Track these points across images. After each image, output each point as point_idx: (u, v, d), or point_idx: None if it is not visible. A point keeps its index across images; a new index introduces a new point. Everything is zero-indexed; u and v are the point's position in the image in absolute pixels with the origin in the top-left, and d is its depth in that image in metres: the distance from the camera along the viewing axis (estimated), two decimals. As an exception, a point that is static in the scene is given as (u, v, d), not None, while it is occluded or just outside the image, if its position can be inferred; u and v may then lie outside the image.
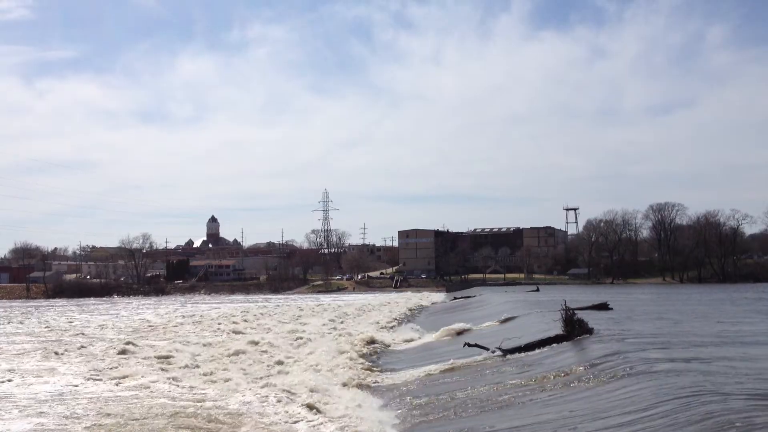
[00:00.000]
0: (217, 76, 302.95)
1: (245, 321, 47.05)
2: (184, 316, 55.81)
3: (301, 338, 32.02)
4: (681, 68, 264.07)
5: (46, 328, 44.68)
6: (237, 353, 25.50)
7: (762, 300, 46.78)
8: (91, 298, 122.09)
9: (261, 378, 19.60)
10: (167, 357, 24.57)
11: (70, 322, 51.71)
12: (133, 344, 29.31)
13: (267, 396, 16.11)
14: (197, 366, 22.58)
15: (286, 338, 32.10)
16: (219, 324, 44.37)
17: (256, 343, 28.21)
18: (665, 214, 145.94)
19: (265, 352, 26.10)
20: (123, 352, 27.02)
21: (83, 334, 38.77)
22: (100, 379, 20.09)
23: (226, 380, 19.32)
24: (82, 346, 29.75)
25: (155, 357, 24.71)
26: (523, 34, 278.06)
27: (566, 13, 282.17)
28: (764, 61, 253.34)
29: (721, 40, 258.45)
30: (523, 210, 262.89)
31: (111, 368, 22.36)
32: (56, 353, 27.19)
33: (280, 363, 22.67)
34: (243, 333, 35.98)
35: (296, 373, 19.09)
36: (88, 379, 20.15)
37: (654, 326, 23.01)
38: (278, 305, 75.07)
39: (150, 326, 44.72)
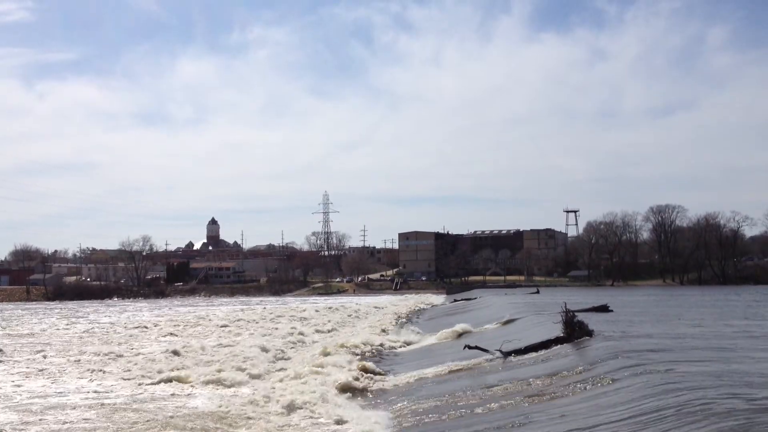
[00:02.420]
0: (217, 78, 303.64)
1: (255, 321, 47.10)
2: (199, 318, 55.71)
3: (301, 340, 32.01)
4: (681, 70, 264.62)
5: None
6: (234, 354, 25.45)
7: (764, 302, 46.74)
8: (91, 301, 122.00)
9: (259, 379, 19.57)
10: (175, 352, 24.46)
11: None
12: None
13: (264, 398, 16.06)
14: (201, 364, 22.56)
15: (284, 340, 32.08)
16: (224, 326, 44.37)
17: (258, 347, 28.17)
18: (665, 216, 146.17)
19: (265, 352, 26.07)
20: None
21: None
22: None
23: (222, 379, 19.31)
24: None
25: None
26: (524, 36, 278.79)
27: (566, 14, 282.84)
28: (764, 63, 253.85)
29: (721, 42, 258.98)
30: (523, 211, 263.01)
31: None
32: None
33: (280, 360, 22.65)
34: (243, 333, 35.97)
35: (295, 376, 19.05)
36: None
37: (654, 328, 22.98)
38: (279, 307, 75.04)
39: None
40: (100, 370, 22.54)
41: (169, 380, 19.97)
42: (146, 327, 45.08)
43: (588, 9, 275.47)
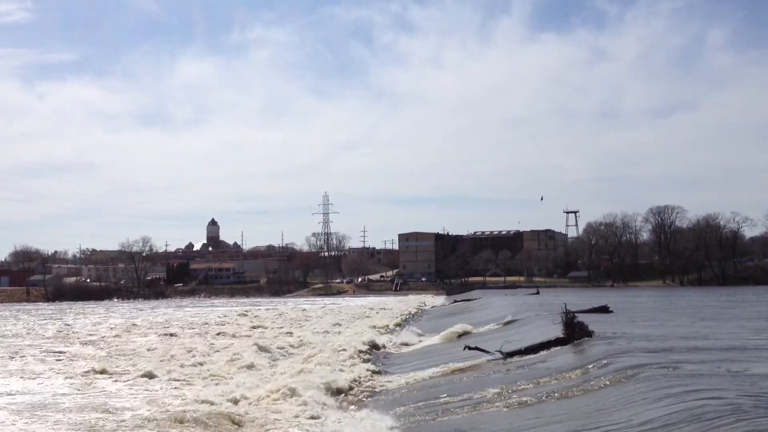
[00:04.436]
0: (218, 78, 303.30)
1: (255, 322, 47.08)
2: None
3: (300, 341, 32.00)
4: (681, 70, 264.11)
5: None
6: (234, 354, 25.45)
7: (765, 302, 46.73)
8: (91, 302, 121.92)
9: (258, 379, 19.55)
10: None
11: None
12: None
13: (262, 399, 16.05)
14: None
15: (284, 340, 32.10)
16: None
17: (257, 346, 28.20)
18: (665, 216, 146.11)
19: (264, 352, 26.09)
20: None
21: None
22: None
23: (221, 381, 19.30)
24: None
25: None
26: (524, 36, 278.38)
27: (567, 14, 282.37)
28: (765, 64, 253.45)
29: (722, 43, 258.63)
30: (523, 212, 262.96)
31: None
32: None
33: (277, 363, 22.66)
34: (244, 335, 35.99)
35: (293, 375, 19.03)
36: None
37: (654, 329, 22.97)
38: (280, 309, 74.99)
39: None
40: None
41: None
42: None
43: (588, 9, 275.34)
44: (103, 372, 22.56)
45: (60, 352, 29.51)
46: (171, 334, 39.50)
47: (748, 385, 10.92)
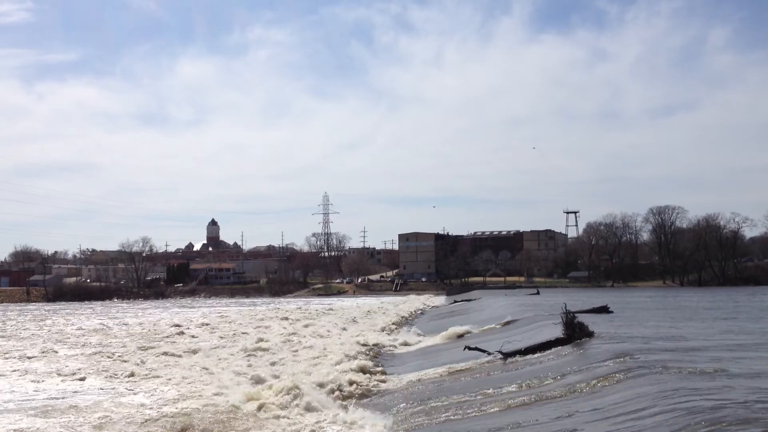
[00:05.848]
0: (218, 78, 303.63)
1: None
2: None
3: (299, 341, 31.98)
4: (682, 70, 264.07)
5: None
6: (231, 355, 25.44)
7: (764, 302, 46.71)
8: (92, 302, 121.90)
9: (257, 380, 19.53)
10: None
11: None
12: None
13: (261, 399, 16.02)
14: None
15: (284, 340, 32.08)
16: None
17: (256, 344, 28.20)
18: (665, 217, 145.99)
19: (265, 352, 26.08)
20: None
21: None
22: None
23: (218, 382, 19.29)
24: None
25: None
26: (524, 37, 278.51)
27: (567, 15, 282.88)
28: (765, 64, 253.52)
29: (723, 43, 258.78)
30: (523, 212, 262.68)
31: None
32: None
33: (275, 364, 22.65)
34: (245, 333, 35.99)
35: (292, 376, 19.00)
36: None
37: (654, 329, 22.95)
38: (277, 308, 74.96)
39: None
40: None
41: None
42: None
43: (588, 9, 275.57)
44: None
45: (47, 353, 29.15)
46: (179, 333, 39.42)
47: (751, 388, 10.91)
